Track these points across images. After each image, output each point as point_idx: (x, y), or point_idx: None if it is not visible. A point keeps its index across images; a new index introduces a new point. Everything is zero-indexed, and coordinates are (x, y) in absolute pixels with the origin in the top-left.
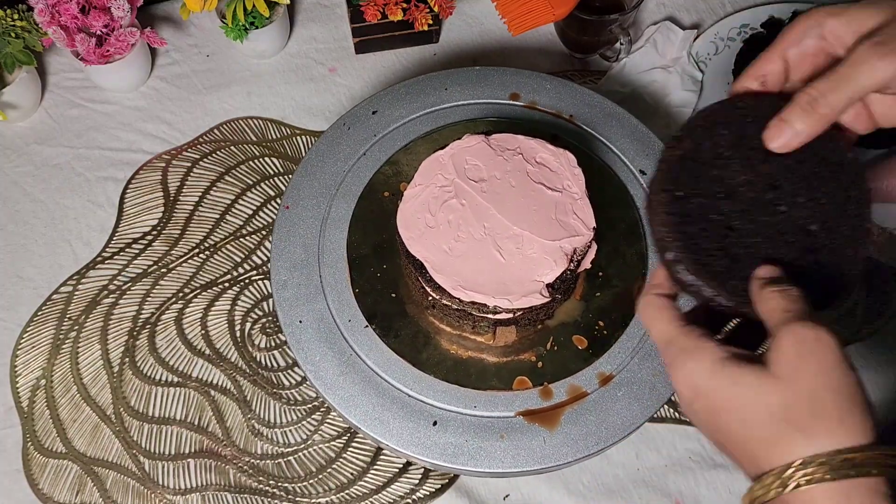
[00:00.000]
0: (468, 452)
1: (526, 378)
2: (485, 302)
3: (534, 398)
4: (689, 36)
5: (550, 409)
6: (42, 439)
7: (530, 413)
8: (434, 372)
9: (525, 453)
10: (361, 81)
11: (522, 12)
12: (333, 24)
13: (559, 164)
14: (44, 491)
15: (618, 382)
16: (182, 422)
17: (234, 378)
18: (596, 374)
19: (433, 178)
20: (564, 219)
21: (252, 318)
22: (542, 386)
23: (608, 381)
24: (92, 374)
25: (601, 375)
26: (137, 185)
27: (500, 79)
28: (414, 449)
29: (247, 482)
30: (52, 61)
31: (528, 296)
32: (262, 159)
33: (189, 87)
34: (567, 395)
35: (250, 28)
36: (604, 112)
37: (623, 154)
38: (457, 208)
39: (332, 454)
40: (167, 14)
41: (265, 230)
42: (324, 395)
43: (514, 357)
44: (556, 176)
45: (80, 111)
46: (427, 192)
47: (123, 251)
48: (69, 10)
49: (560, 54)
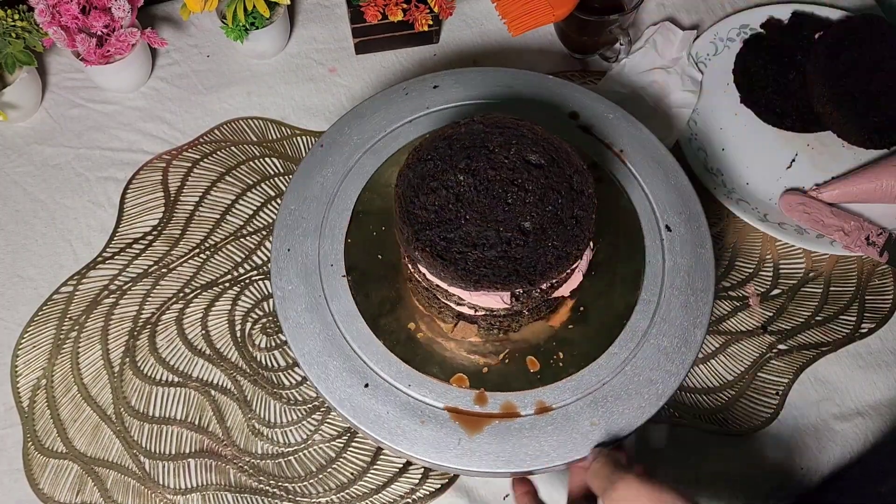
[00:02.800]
0: (387, 425)
1: (466, 377)
2: (445, 286)
3: (467, 399)
4: (688, 36)
5: (478, 415)
6: (42, 439)
7: (457, 412)
8: (384, 339)
9: (437, 447)
10: (361, 82)
11: (522, 13)
12: (333, 25)
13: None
14: (44, 491)
15: (553, 417)
16: (182, 422)
17: (234, 378)
18: (535, 400)
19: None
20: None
21: (252, 318)
22: (479, 391)
23: (544, 412)
24: (92, 374)
25: (540, 404)
26: (138, 186)
27: (500, 79)
28: (343, 404)
29: (247, 482)
30: (52, 61)
31: (489, 296)
32: (263, 159)
33: (189, 88)
34: (499, 409)
35: (250, 28)
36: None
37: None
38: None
39: (332, 454)
40: (167, 14)
41: (265, 230)
42: (380, 440)
43: (466, 354)
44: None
45: (80, 111)
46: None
47: (124, 251)
48: (70, 11)
49: (560, 54)
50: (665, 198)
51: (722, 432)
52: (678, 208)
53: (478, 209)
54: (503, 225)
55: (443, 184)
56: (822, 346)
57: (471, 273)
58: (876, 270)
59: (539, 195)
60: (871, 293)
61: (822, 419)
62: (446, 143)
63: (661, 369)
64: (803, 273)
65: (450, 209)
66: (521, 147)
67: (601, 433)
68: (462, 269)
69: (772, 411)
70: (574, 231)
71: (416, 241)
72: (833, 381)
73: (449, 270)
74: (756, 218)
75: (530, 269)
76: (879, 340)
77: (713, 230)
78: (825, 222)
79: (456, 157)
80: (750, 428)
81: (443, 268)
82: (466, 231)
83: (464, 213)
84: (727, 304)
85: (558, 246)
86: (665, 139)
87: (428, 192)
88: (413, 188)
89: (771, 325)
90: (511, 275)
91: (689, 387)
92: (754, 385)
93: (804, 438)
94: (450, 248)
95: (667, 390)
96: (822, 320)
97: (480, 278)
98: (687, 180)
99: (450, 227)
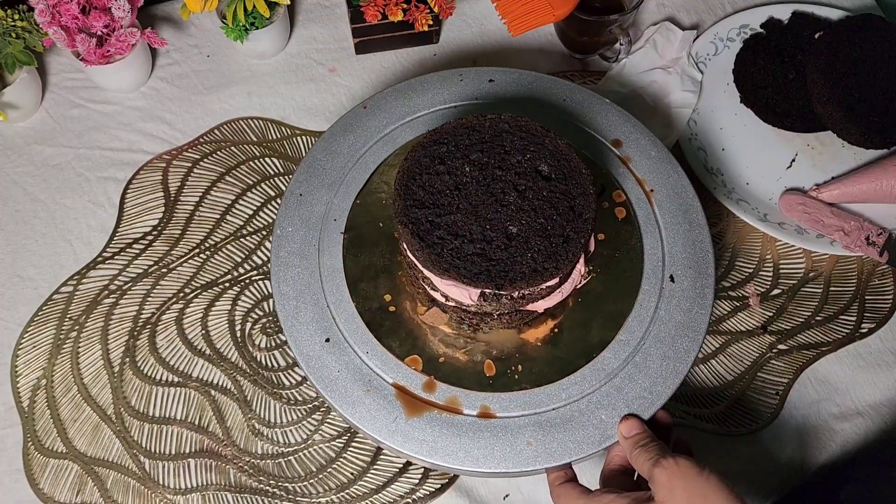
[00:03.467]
0: (335, 387)
1: (420, 361)
2: (420, 266)
3: (416, 381)
4: (688, 36)
5: (422, 400)
6: (42, 439)
7: (403, 391)
8: (357, 302)
9: (374, 419)
10: (361, 82)
11: (522, 13)
12: (333, 25)
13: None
14: (44, 491)
15: (493, 425)
16: (182, 422)
17: (234, 378)
18: (481, 404)
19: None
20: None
21: (252, 318)
22: (429, 377)
23: (486, 417)
24: (92, 374)
25: (484, 408)
26: (138, 186)
27: (560, 88)
28: (301, 353)
29: (247, 482)
30: (52, 61)
31: (458, 289)
32: (263, 159)
33: (189, 88)
34: (444, 401)
35: (250, 28)
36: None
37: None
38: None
39: (332, 454)
40: (167, 14)
41: (265, 230)
42: (324, 395)
43: (428, 339)
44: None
45: (80, 111)
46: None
47: (124, 251)
48: (70, 11)
49: (560, 54)
50: (680, 249)
51: (722, 432)
52: (689, 262)
53: (472, 202)
54: (490, 224)
55: (449, 169)
56: (822, 346)
57: (443, 260)
58: (876, 270)
59: (535, 205)
60: (871, 293)
61: (822, 419)
62: (466, 132)
63: (614, 411)
64: (803, 273)
65: (446, 195)
66: (537, 155)
67: (534, 454)
68: (436, 255)
69: (772, 411)
70: (558, 250)
71: (404, 215)
72: (833, 381)
73: (424, 252)
74: (756, 218)
75: (501, 274)
76: (879, 340)
77: (713, 230)
78: (825, 222)
79: (470, 148)
80: (750, 428)
81: (419, 248)
82: (454, 220)
83: (458, 202)
84: (727, 304)
85: (537, 259)
86: (665, 139)
87: (433, 173)
88: (420, 166)
89: (771, 325)
90: (481, 273)
91: (690, 387)
92: (754, 385)
93: (804, 438)
94: (432, 232)
95: (612, 434)
96: (822, 320)
97: (451, 268)
98: (644, 128)
99: (440, 212)
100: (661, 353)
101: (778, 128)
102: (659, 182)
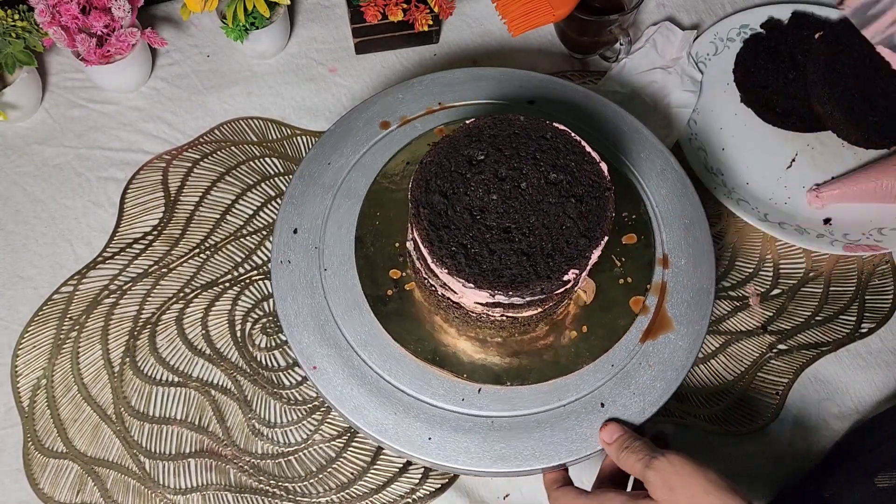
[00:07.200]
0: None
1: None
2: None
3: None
4: (688, 36)
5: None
6: (43, 439)
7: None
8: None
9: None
10: (361, 82)
11: (522, 13)
12: (334, 25)
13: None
14: (44, 490)
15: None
16: (182, 422)
17: (234, 378)
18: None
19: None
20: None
21: (252, 318)
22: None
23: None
24: (93, 374)
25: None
26: (138, 186)
27: (502, 79)
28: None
29: (247, 482)
30: (52, 61)
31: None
32: (263, 159)
33: (189, 88)
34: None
35: (251, 28)
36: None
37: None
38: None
39: (332, 454)
40: (168, 14)
41: (265, 230)
42: (324, 395)
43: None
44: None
45: (80, 111)
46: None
47: (124, 251)
48: (70, 11)
49: (560, 54)
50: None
51: (722, 432)
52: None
53: (505, 211)
54: (506, 224)
55: (488, 177)
56: (822, 346)
57: (457, 263)
58: (876, 270)
59: (549, 209)
60: (871, 293)
61: (822, 419)
62: (481, 132)
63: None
64: (803, 273)
65: (466, 196)
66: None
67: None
68: (448, 256)
69: (772, 411)
70: (573, 254)
71: (426, 195)
72: (833, 381)
73: (422, 225)
74: (756, 218)
75: (512, 277)
76: (879, 340)
77: (713, 230)
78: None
79: (519, 154)
80: (750, 428)
81: (430, 244)
82: (470, 220)
83: (477, 202)
84: (727, 304)
85: (550, 264)
86: (665, 139)
87: (475, 172)
88: (441, 166)
89: (771, 325)
90: (490, 275)
91: (690, 387)
92: (754, 385)
93: (804, 438)
94: (447, 236)
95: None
96: (822, 320)
97: (460, 268)
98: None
99: (456, 209)
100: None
101: (778, 128)
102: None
